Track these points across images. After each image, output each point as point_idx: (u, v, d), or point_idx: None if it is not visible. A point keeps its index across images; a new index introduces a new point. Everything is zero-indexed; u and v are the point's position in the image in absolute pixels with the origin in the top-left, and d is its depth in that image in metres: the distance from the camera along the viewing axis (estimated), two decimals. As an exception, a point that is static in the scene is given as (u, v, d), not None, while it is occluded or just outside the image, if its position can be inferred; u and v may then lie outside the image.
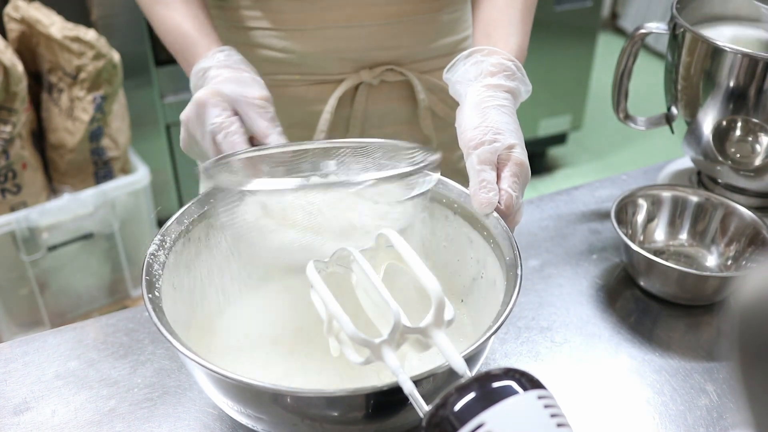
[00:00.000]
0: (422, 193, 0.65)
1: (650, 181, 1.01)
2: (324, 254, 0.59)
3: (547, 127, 2.50)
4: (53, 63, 1.66)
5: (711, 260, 0.86)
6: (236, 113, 0.72)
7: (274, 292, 0.73)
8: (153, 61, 1.87)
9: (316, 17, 0.87)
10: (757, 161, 0.86)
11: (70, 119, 1.69)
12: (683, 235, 0.88)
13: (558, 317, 0.80)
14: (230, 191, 0.62)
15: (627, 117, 0.97)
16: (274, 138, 0.71)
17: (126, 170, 1.82)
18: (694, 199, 0.87)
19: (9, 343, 0.76)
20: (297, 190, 0.61)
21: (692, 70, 0.85)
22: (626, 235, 0.81)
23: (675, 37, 0.87)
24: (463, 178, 0.69)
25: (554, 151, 2.72)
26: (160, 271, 0.62)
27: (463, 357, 0.51)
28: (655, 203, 0.88)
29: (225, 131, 0.70)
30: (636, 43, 0.91)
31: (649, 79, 1.73)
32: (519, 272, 0.60)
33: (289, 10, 0.87)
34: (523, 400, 0.45)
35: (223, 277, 0.73)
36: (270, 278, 0.75)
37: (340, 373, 0.64)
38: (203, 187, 0.68)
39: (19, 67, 1.56)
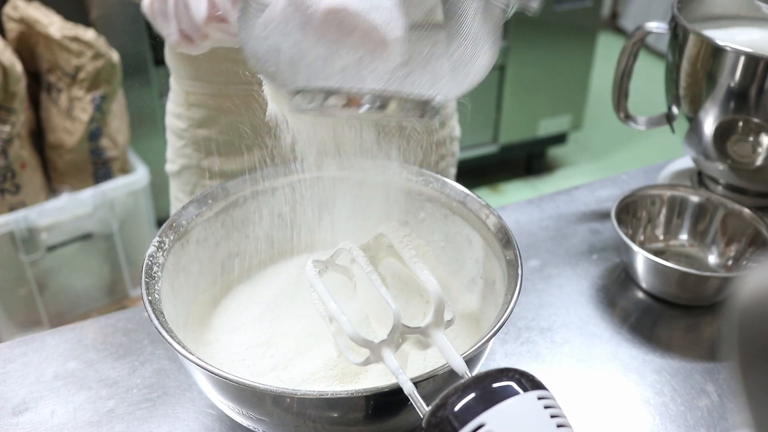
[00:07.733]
0: None
1: (650, 181, 1.01)
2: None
3: (547, 127, 2.50)
4: (52, 63, 1.66)
5: (711, 260, 0.86)
6: None
7: (265, 283, 0.73)
8: (152, 60, 1.87)
9: None
10: (758, 161, 0.86)
11: (69, 119, 1.68)
12: (684, 235, 0.88)
13: (558, 317, 0.80)
14: None
15: (627, 117, 0.97)
16: None
17: (125, 170, 1.82)
18: (695, 199, 0.87)
19: (8, 343, 0.76)
20: None
21: (693, 69, 0.85)
22: (627, 235, 0.81)
23: (675, 37, 0.87)
24: None
25: (554, 151, 2.72)
26: (159, 273, 0.62)
27: (464, 357, 0.51)
28: (656, 203, 0.88)
29: None
30: (636, 43, 0.91)
31: (649, 79, 1.72)
32: (519, 272, 0.60)
33: None
34: (523, 400, 0.45)
35: (221, 275, 0.73)
36: (262, 266, 0.74)
37: (333, 363, 0.63)
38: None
39: (18, 67, 1.56)
